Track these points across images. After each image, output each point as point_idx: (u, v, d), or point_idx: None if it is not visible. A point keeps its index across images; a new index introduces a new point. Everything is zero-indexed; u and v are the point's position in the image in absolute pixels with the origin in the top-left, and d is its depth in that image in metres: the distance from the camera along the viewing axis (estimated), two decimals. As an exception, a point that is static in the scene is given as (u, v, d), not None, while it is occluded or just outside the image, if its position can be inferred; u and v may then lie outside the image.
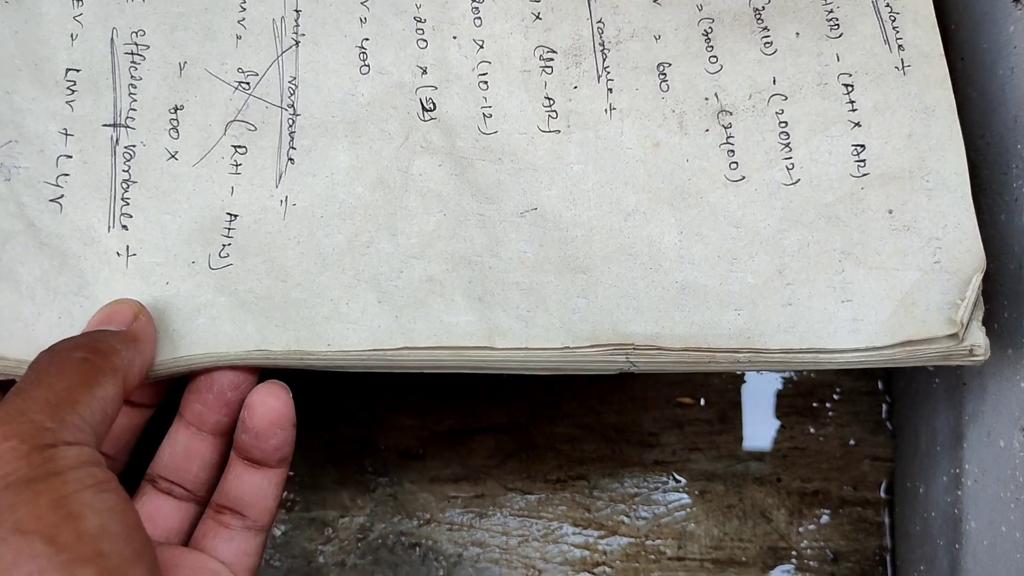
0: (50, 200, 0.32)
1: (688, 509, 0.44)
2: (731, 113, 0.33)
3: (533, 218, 0.32)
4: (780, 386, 0.46)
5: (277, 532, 0.44)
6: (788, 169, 0.32)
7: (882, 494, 0.44)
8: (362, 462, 0.45)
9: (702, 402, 0.45)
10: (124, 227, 0.32)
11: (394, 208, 0.33)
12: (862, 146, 0.32)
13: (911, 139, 0.32)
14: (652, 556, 0.44)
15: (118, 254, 0.32)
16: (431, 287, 0.32)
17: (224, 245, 0.32)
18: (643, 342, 0.31)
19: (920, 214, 0.31)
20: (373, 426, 0.45)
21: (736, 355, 0.31)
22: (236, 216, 0.33)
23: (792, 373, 0.45)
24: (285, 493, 0.45)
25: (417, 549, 0.44)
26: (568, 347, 0.31)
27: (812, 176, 0.32)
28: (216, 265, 0.32)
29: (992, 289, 0.35)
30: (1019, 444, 0.32)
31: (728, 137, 0.33)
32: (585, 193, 0.33)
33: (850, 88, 0.33)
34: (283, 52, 0.34)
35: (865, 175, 0.32)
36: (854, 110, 0.32)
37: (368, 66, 0.34)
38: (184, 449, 0.32)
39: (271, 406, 0.30)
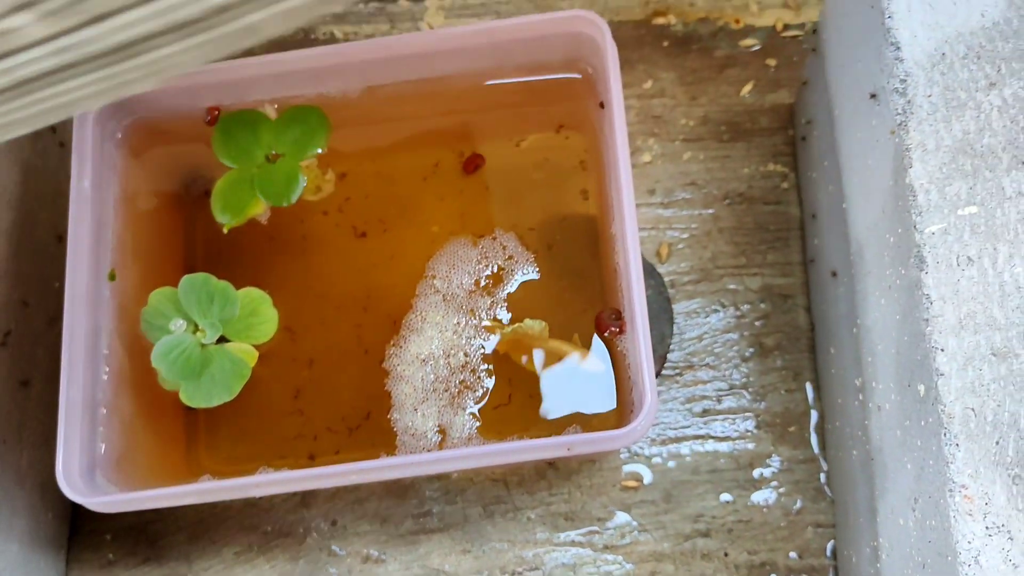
0: None
1: (639, 591, 0.46)
2: None
3: None
4: (721, 461, 0.47)
5: (250, 647, 0.46)
6: None
7: (827, 558, 0.46)
8: (328, 571, 0.47)
9: (645, 480, 0.47)
10: None
11: None
12: None
13: None
14: (608, 641, 0.45)
15: None
16: None
17: None
18: None
19: None
20: (335, 535, 0.47)
21: None
22: None
23: (733, 446, 0.47)
24: (255, 609, 0.47)
25: (382, 654, 0.46)
26: None
27: None
28: None
29: (880, 370, 0.36)
30: (913, 523, 0.33)
31: None
32: None
33: None
34: None
35: None
36: None
37: None
38: None
39: None
